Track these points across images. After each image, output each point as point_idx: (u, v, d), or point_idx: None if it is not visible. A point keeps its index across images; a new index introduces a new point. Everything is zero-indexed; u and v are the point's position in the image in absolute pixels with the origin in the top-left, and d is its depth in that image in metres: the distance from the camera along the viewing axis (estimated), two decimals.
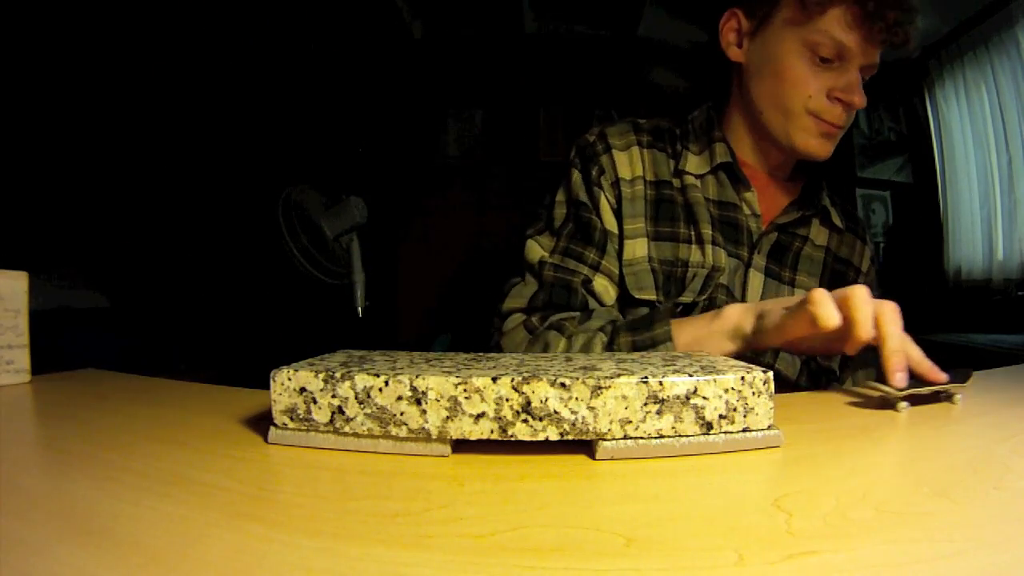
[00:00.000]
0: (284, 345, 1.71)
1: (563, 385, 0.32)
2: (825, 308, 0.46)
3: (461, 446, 0.33)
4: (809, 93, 0.65)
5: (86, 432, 0.41)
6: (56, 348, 0.71)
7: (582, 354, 0.45)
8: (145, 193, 1.78)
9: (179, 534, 0.23)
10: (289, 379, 0.34)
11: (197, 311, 1.83)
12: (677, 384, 0.32)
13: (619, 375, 0.33)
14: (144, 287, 1.79)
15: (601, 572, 0.20)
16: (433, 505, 0.26)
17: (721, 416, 0.33)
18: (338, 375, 0.34)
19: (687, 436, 0.33)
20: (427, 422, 0.33)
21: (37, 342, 0.60)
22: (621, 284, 0.69)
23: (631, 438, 0.32)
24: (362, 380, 0.33)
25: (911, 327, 0.50)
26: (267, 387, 0.36)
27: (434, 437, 0.33)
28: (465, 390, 0.32)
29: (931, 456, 0.32)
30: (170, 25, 1.76)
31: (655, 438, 0.32)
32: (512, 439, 0.32)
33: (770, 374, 0.34)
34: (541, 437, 0.32)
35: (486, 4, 2.25)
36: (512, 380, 0.32)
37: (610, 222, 0.71)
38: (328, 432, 0.34)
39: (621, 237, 0.70)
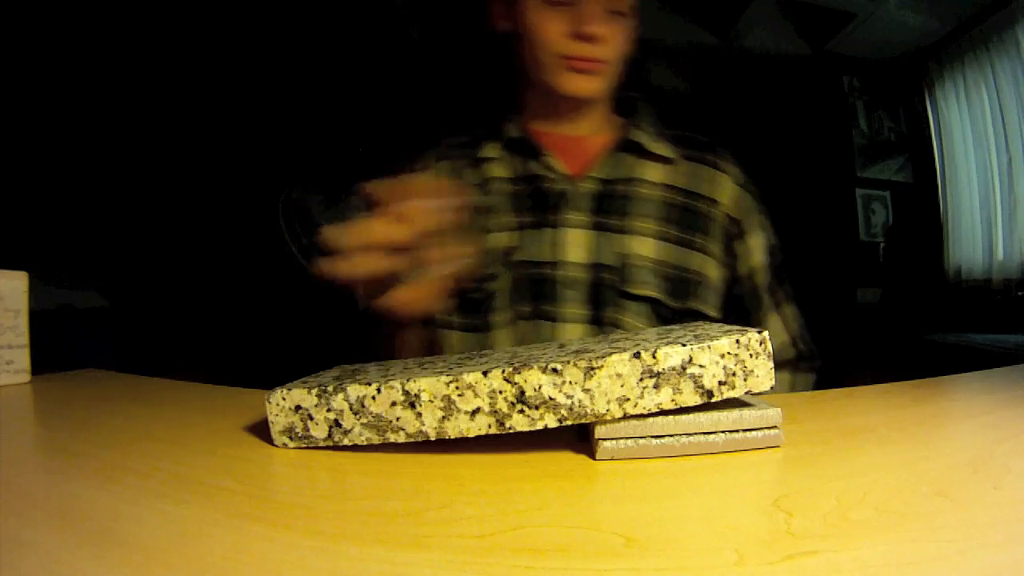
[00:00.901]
0: (284, 345, 1.71)
1: (555, 370, 0.32)
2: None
3: (460, 445, 0.33)
4: (551, 37, 0.66)
5: (86, 432, 0.41)
6: (56, 348, 0.71)
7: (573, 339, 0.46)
8: (145, 193, 1.78)
9: (179, 534, 0.23)
10: (283, 399, 0.34)
11: (197, 311, 1.83)
12: (671, 355, 0.32)
13: (611, 353, 0.32)
14: (144, 287, 1.79)
15: (601, 572, 0.20)
16: (432, 505, 0.26)
17: (721, 383, 0.32)
18: (331, 389, 0.34)
19: (690, 430, 0.33)
20: (423, 424, 0.33)
21: (37, 342, 0.60)
22: None
23: (631, 417, 0.32)
24: (355, 390, 0.33)
25: (911, 327, 0.50)
26: (267, 387, 0.36)
27: (432, 439, 0.33)
28: (457, 387, 0.32)
29: (931, 456, 0.32)
30: (170, 25, 1.76)
31: (656, 415, 0.32)
32: (511, 431, 0.32)
33: (766, 333, 0.33)
34: (540, 426, 0.32)
35: (485, 4, 2.25)
36: (503, 372, 0.32)
37: None
38: (328, 447, 0.34)
39: None
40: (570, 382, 0.32)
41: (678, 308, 0.69)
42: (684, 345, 0.32)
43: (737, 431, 0.33)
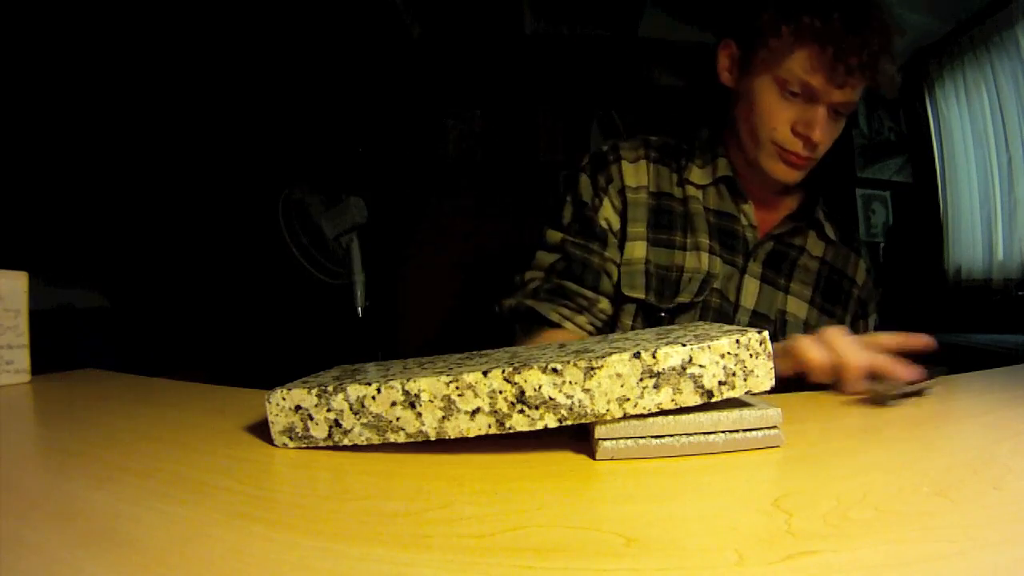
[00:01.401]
0: (284, 345, 1.71)
1: (555, 371, 0.32)
2: (811, 351, 0.51)
3: (460, 445, 0.33)
4: (774, 125, 0.70)
5: (86, 432, 0.41)
6: (56, 348, 0.71)
7: (577, 340, 0.46)
8: (145, 193, 1.78)
9: (179, 534, 0.23)
10: (283, 399, 0.34)
11: (197, 311, 1.83)
12: (671, 355, 0.32)
13: (611, 353, 0.32)
14: (144, 287, 1.79)
15: (601, 572, 0.20)
16: (433, 505, 0.26)
17: (721, 383, 0.32)
18: (331, 389, 0.34)
19: (690, 430, 0.33)
20: (423, 424, 0.33)
21: (37, 342, 0.60)
22: (616, 281, 0.76)
23: (631, 417, 0.32)
24: (355, 390, 0.33)
25: (912, 327, 0.51)
26: (267, 387, 0.36)
27: (432, 439, 0.33)
28: (457, 387, 0.32)
29: (931, 456, 0.32)
30: (170, 25, 1.76)
31: (656, 415, 0.32)
32: (511, 431, 0.32)
33: (765, 334, 0.34)
34: (539, 426, 0.32)
35: (485, 4, 2.25)
36: (503, 372, 0.32)
37: (612, 222, 0.77)
38: (328, 447, 0.34)
39: (623, 239, 0.77)
40: (570, 382, 0.32)
41: None
42: (684, 345, 0.32)
43: (737, 431, 0.33)
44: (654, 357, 0.32)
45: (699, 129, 0.85)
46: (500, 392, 0.32)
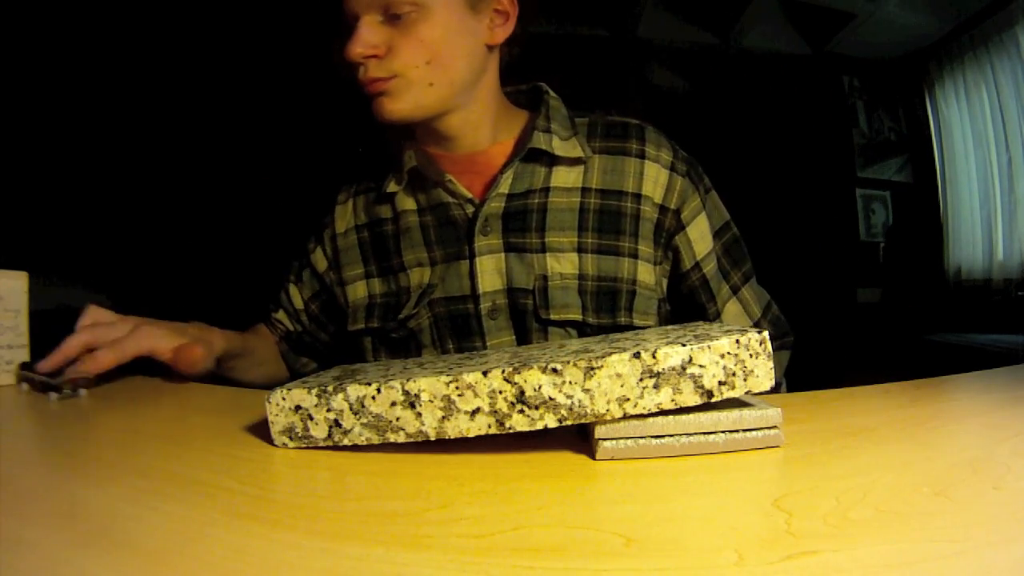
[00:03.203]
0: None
1: (555, 370, 0.32)
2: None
3: (460, 445, 0.33)
4: (345, 67, 0.61)
5: (86, 432, 0.41)
6: (56, 348, 0.70)
7: (573, 340, 0.45)
8: (145, 193, 1.78)
9: (179, 534, 0.23)
10: (283, 399, 0.34)
11: (197, 311, 1.83)
12: (671, 355, 0.32)
13: (611, 353, 0.32)
14: (144, 287, 1.79)
15: (601, 572, 0.20)
16: (432, 505, 0.26)
17: (721, 383, 0.32)
18: (331, 389, 0.34)
19: (690, 430, 0.33)
20: (423, 424, 0.33)
21: (37, 342, 0.60)
22: (345, 322, 0.73)
23: (631, 417, 0.32)
24: (355, 391, 0.33)
25: (912, 327, 0.50)
26: (266, 387, 0.36)
27: (432, 439, 0.33)
28: (457, 387, 0.32)
29: (931, 456, 0.32)
30: (170, 27, 1.76)
31: (656, 415, 0.32)
32: (511, 431, 0.32)
33: (766, 333, 0.33)
34: (539, 426, 0.32)
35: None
36: (503, 372, 0.32)
37: (319, 267, 0.76)
38: (328, 447, 0.34)
39: (341, 283, 0.74)
40: (570, 382, 0.32)
41: (606, 325, 0.63)
42: (684, 345, 0.32)
43: (737, 431, 0.33)
44: (654, 357, 0.32)
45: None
46: (500, 392, 0.32)
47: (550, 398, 0.32)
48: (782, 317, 0.74)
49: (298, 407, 0.34)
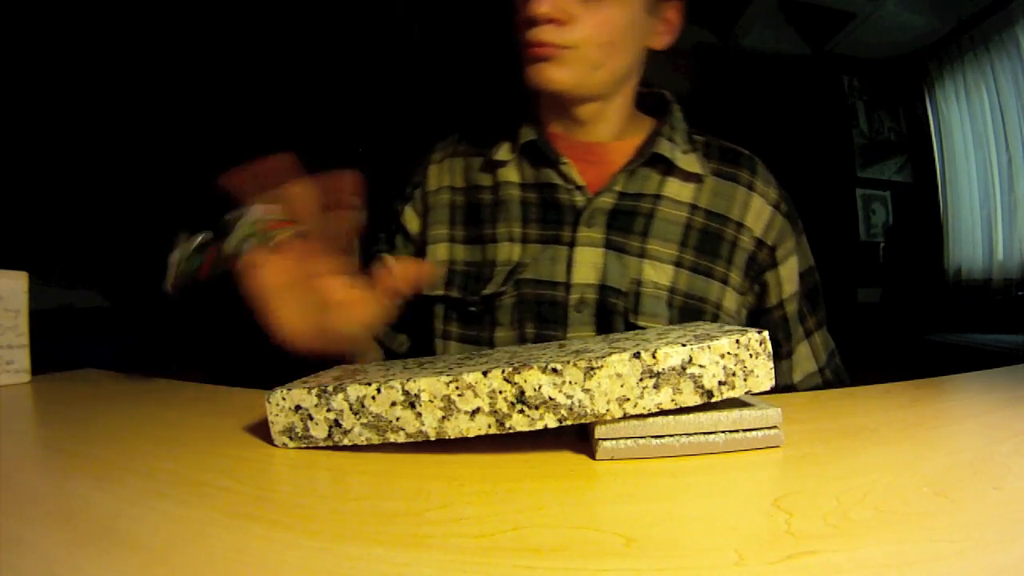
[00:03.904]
0: (284, 345, 1.71)
1: (555, 371, 0.32)
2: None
3: (460, 445, 0.33)
4: (518, 21, 0.61)
5: (86, 432, 0.41)
6: (56, 348, 0.71)
7: (572, 339, 0.45)
8: (145, 193, 1.78)
9: (179, 534, 0.23)
10: (283, 399, 0.34)
11: (197, 311, 1.82)
12: (671, 355, 0.32)
13: (611, 353, 0.32)
14: (144, 287, 1.79)
15: (601, 572, 0.20)
16: (432, 505, 0.26)
17: (721, 383, 0.32)
18: (331, 389, 0.34)
19: (690, 430, 0.33)
20: (423, 424, 0.33)
21: (37, 342, 0.60)
22: None
23: (631, 417, 0.32)
24: (355, 391, 0.33)
25: (911, 327, 0.50)
26: (267, 387, 0.36)
27: (432, 439, 0.33)
28: (457, 387, 0.32)
29: (931, 456, 0.32)
30: (170, 26, 1.76)
31: (656, 415, 0.32)
32: (511, 431, 0.32)
33: (765, 333, 0.33)
34: (539, 426, 0.32)
35: (485, 4, 2.25)
36: (503, 372, 0.32)
37: (410, 227, 0.73)
38: (328, 447, 0.34)
39: (424, 243, 0.71)
40: (570, 382, 0.32)
41: None
42: (684, 345, 0.32)
43: (737, 431, 0.33)
44: (654, 357, 0.32)
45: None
46: (500, 392, 0.32)
47: (550, 398, 0.32)
48: (842, 366, 0.75)
49: (298, 407, 0.34)
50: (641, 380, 0.32)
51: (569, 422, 0.32)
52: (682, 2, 0.66)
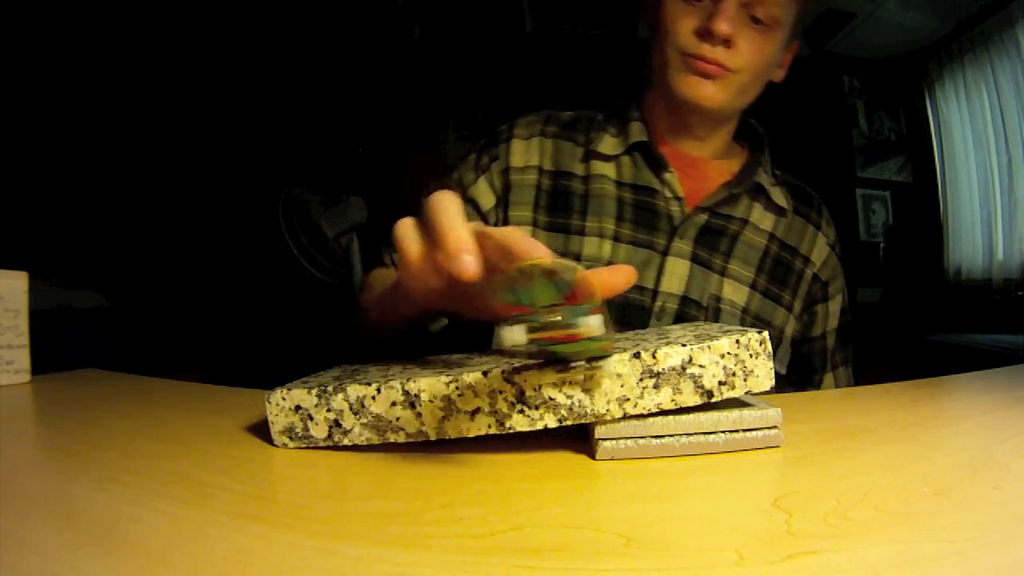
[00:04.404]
0: (284, 345, 1.71)
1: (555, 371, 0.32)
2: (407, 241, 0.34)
3: (460, 445, 0.33)
4: (677, 30, 0.62)
5: (86, 432, 0.41)
6: (56, 348, 0.71)
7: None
8: (145, 193, 1.78)
9: (179, 534, 0.23)
10: (283, 399, 0.34)
11: (197, 311, 1.83)
12: (671, 355, 0.32)
13: (611, 353, 0.32)
14: (144, 287, 1.79)
15: (601, 572, 0.20)
16: (432, 505, 0.26)
17: (721, 383, 0.32)
18: (331, 389, 0.34)
19: (690, 430, 0.33)
20: (423, 425, 0.33)
21: (37, 342, 0.60)
22: None
23: (631, 417, 0.32)
24: (355, 391, 0.33)
25: (912, 327, 0.50)
26: (267, 387, 0.36)
27: (432, 439, 0.33)
28: (457, 388, 0.32)
29: (931, 456, 0.32)
30: (170, 26, 1.76)
31: (656, 415, 0.32)
32: (511, 431, 0.32)
33: (765, 333, 0.33)
34: (539, 426, 0.32)
35: (486, 4, 2.25)
36: (503, 372, 0.32)
37: (483, 203, 0.70)
38: (328, 447, 0.34)
39: (504, 223, 0.68)
40: (570, 382, 0.32)
41: None
42: (684, 345, 0.32)
43: (737, 431, 0.33)
44: (654, 357, 0.32)
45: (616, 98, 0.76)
46: (500, 392, 0.32)
47: (550, 398, 0.32)
48: None
49: (298, 407, 0.34)
50: (641, 380, 0.32)
51: (569, 422, 0.32)
52: (798, 42, 0.70)
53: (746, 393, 0.33)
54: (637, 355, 0.32)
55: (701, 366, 0.32)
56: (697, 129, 0.69)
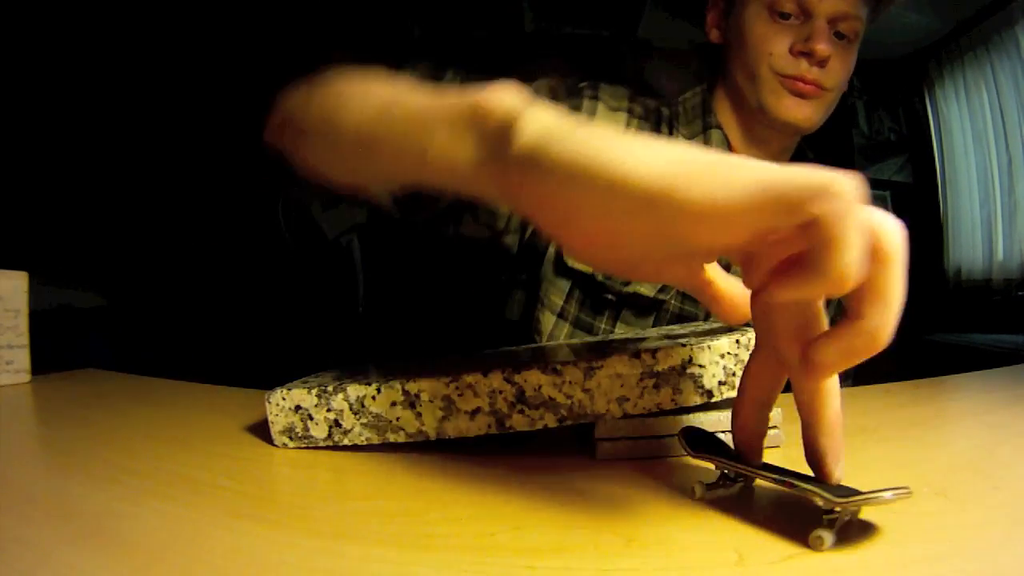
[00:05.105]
0: (284, 345, 1.71)
1: (555, 371, 0.32)
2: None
3: (460, 445, 0.33)
4: (770, 50, 0.62)
5: (86, 432, 0.41)
6: (56, 348, 0.71)
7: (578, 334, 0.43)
8: (145, 193, 1.78)
9: (179, 534, 0.23)
10: (283, 399, 0.34)
11: (196, 311, 1.83)
12: (671, 355, 0.32)
13: (611, 353, 0.32)
14: (144, 287, 1.79)
15: (601, 572, 0.20)
16: (433, 505, 0.26)
17: (721, 383, 0.32)
18: (331, 389, 0.34)
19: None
20: (423, 424, 0.33)
21: (37, 342, 0.60)
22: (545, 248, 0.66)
23: (631, 417, 0.32)
24: (355, 390, 0.33)
25: (912, 327, 0.50)
26: (267, 387, 0.36)
27: (432, 439, 0.33)
28: (457, 388, 0.32)
29: (931, 456, 0.32)
30: (169, 24, 1.76)
31: (655, 415, 0.32)
32: (511, 431, 0.32)
33: None
34: (539, 426, 0.32)
35: (486, 4, 2.25)
36: (503, 372, 0.32)
37: None
38: (328, 447, 0.34)
39: None
40: (570, 382, 0.32)
41: None
42: (684, 345, 0.32)
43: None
44: (654, 357, 0.32)
45: (682, 92, 0.74)
46: (500, 392, 0.32)
47: (550, 398, 0.32)
48: None
49: (298, 407, 0.34)
50: (641, 380, 0.32)
51: (569, 422, 0.32)
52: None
53: None
54: (637, 355, 0.32)
55: (701, 366, 0.32)
56: (775, 143, 0.69)
